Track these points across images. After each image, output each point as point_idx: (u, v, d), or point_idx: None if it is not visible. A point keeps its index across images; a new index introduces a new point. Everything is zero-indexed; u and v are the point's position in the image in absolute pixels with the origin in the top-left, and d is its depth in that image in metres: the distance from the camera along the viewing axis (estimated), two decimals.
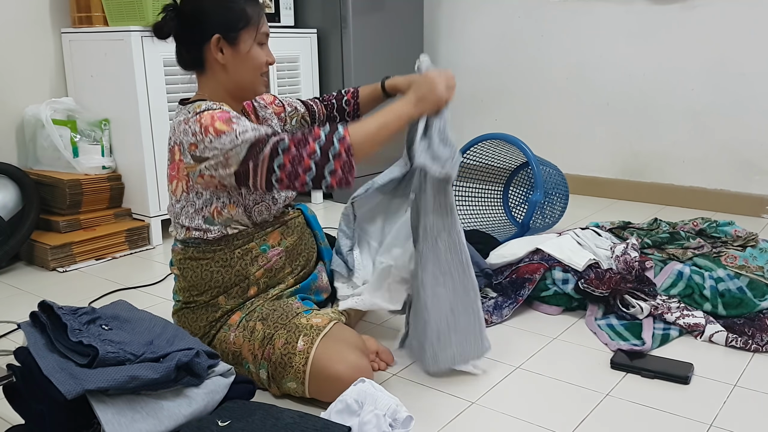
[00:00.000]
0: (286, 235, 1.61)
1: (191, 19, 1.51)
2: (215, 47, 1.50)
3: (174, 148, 1.50)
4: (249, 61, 1.53)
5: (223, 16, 1.50)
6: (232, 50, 1.51)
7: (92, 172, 2.60)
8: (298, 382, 1.42)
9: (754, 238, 2.16)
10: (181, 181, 1.51)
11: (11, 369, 1.21)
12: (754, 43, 2.81)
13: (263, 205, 1.56)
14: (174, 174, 1.52)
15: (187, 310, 1.58)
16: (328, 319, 1.48)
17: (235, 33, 1.51)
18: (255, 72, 1.56)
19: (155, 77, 2.53)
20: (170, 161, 1.53)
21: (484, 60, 3.59)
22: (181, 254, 1.57)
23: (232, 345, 1.52)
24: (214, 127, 1.41)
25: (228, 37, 1.50)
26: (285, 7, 3.11)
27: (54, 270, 2.39)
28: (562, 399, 1.48)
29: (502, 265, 2.12)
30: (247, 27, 1.52)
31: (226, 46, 1.51)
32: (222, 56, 1.51)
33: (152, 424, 1.16)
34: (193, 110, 1.47)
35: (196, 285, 1.55)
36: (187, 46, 1.54)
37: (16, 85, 2.65)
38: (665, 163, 3.13)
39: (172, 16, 1.51)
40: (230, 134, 1.39)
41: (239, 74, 1.54)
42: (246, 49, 1.52)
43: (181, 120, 1.48)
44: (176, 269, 1.59)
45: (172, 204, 1.56)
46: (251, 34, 1.53)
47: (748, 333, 1.73)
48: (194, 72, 1.57)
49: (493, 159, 2.78)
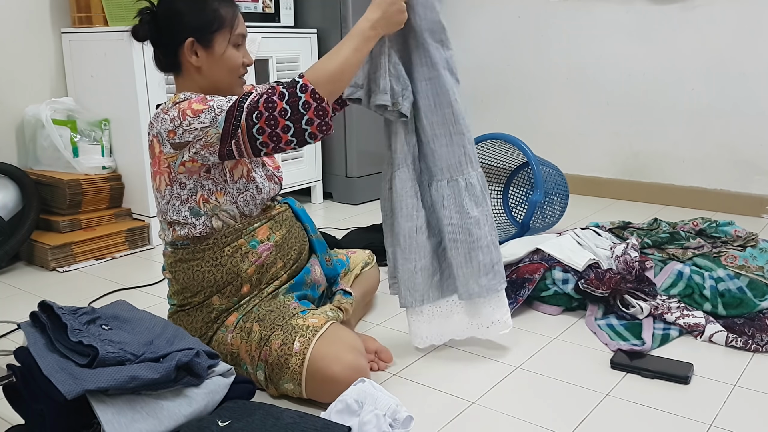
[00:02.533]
0: (274, 229, 1.60)
1: (165, 21, 1.51)
2: (189, 50, 1.50)
3: (153, 142, 1.49)
4: (224, 63, 1.53)
5: (195, 18, 1.49)
6: (206, 53, 1.51)
7: (92, 172, 2.60)
8: (294, 383, 1.42)
9: (754, 238, 2.16)
10: (162, 174, 1.50)
11: (11, 369, 1.21)
12: (754, 43, 2.81)
13: (248, 195, 1.55)
14: (156, 170, 1.52)
15: (182, 313, 1.58)
16: (325, 320, 1.48)
17: (209, 35, 1.50)
18: (231, 74, 1.55)
19: (155, 77, 2.53)
20: (151, 157, 1.52)
21: (484, 60, 3.59)
22: (172, 257, 1.57)
23: (230, 346, 1.51)
24: (191, 109, 1.41)
25: (201, 40, 1.50)
26: (285, 7, 3.11)
27: (54, 270, 2.39)
28: (562, 399, 1.48)
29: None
30: (221, 29, 1.51)
31: (200, 49, 1.50)
32: (196, 59, 1.51)
33: (152, 424, 1.16)
34: (171, 100, 1.48)
35: (189, 287, 1.55)
36: (162, 49, 1.54)
37: (16, 85, 2.65)
38: (665, 163, 3.13)
39: (148, 19, 1.51)
40: (208, 111, 1.40)
41: (215, 76, 1.54)
42: (221, 52, 1.52)
43: (158, 111, 1.49)
44: (168, 273, 1.59)
45: (158, 203, 1.56)
46: (225, 37, 1.52)
47: (748, 333, 1.73)
48: (172, 74, 1.57)
49: (493, 159, 2.78)
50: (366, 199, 3.32)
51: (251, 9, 2.97)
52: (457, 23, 3.65)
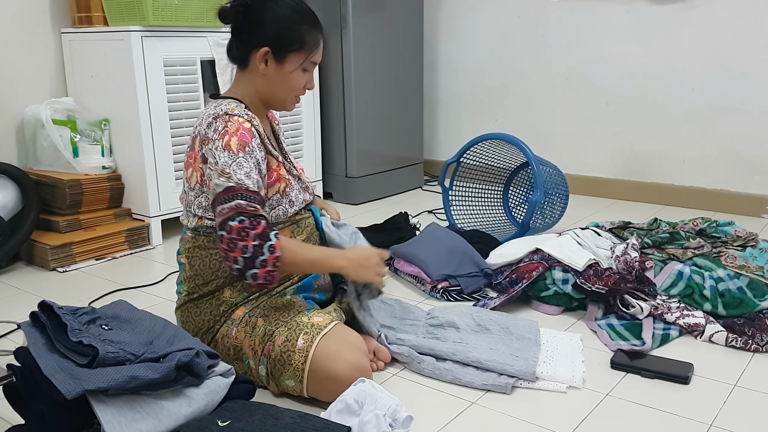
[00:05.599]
0: (296, 233, 1.62)
1: (252, 21, 1.53)
2: (261, 57, 1.53)
3: (196, 137, 1.53)
4: (288, 81, 1.56)
5: (280, 32, 1.52)
6: (275, 66, 1.54)
7: (92, 172, 2.60)
8: (296, 380, 1.42)
9: (754, 238, 2.16)
10: (196, 171, 1.53)
11: (11, 369, 1.21)
12: (754, 43, 2.81)
13: (280, 210, 1.58)
14: (191, 162, 1.54)
15: (191, 304, 1.58)
16: (330, 319, 1.49)
17: (284, 53, 1.53)
18: (290, 92, 1.59)
19: (155, 77, 2.53)
20: (190, 149, 1.55)
21: (484, 60, 3.60)
22: (191, 242, 1.58)
23: (234, 340, 1.52)
24: (229, 140, 1.44)
25: (276, 54, 1.53)
26: None
27: (54, 270, 2.39)
28: (562, 399, 1.48)
29: (502, 265, 2.12)
30: (298, 51, 1.54)
31: (272, 61, 1.54)
32: (264, 68, 1.54)
33: (152, 424, 1.16)
34: (224, 110, 1.50)
35: (202, 274, 1.56)
36: (238, 43, 1.57)
37: (16, 85, 2.65)
38: (665, 163, 3.13)
39: (239, 10, 1.53)
40: (232, 159, 1.43)
41: (275, 88, 1.57)
42: (289, 71, 1.55)
43: (211, 113, 1.51)
44: (183, 257, 1.60)
45: (185, 192, 1.57)
46: (299, 59, 1.55)
47: (748, 333, 1.73)
48: (237, 66, 1.60)
49: (493, 159, 2.78)
50: (366, 199, 3.33)
51: None
52: (457, 23, 3.65)
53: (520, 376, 1.51)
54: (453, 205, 2.74)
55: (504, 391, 1.49)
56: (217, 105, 1.54)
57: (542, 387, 1.51)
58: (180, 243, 1.63)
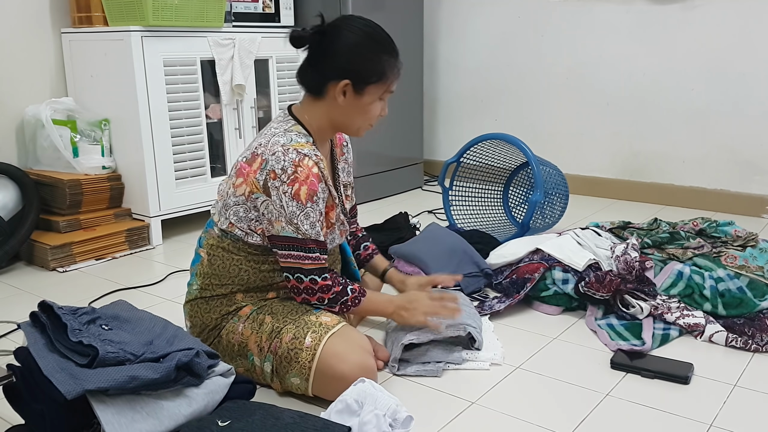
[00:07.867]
0: None
1: (331, 50, 1.50)
2: (340, 90, 1.51)
3: (257, 156, 1.48)
4: (366, 111, 1.55)
5: (361, 65, 1.50)
6: (354, 98, 1.52)
7: (92, 172, 2.60)
8: (302, 378, 1.43)
9: (754, 238, 2.16)
10: (248, 185, 1.49)
11: (11, 369, 1.21)
12: (754, 43, 2.81)
13: None
14: (244, 173, 1.50)
15: (201, 300, 1.57)
16: (338, 319, 1.49)
17: (365, 85, 1.51)
18: (366, 121, 1.58)
19: (155, 77, 2.53)
20: (246, 162, 1.51)
21: (484, 59, 3.60)
22: (216, 241, 1.56)
23: (240, 336, 1.52)
24: (298, 189, 1.44)
25: (356, 86, 1.51)
26: (285, 7, 3.11)
27: (54, 270, 2.39)
28: (562, 399, 1.48)
29: (502, 265, 2.12)
30: (378, 83, 1.52)
31: (351, 93, 1.52)
32: (343, 99, 1.52)
33: (152, 424, 1.16)
34: (293, 143, 1.47)
35: (219, 275, 1.55)
36: (314, 70, 1.53)
37: (16, 85, 2.65)
38: (665, 163, 3.13)
39: (317, 38, 1.51)
40: (300, 209, 1.44)
41: (350, 117, 1.56)
42: (368, 102, 1.54)
43: (279, 141, 1.47)
44: (204, 251, 1.58)
45: (227, 193, 1.54)
46: (379, 90, 1.54)
47: (748, 333, 1.73)
48: (307, 91, 1.57)
49: (493, 159, 2.78)
50: (366, 199, 3.33)
51: (251, 9, 2.97)
52: (457, 23, 3.65)
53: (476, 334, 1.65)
54: (453, 205, 2.74)
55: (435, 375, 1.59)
56: (286, 128, 1.51)
57: (468, 367, 1.63)
58: (203, 234, 1.61)
